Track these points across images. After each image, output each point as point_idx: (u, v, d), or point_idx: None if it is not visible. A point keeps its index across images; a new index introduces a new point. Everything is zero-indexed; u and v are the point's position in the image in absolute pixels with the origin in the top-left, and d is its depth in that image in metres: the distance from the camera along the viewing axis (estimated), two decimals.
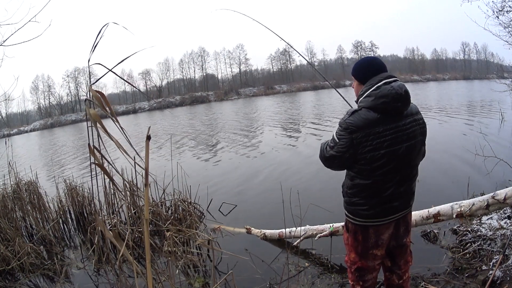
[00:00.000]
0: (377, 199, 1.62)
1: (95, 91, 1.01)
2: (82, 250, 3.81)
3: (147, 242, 1.01)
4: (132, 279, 2.96)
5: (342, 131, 1.58)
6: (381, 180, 1.59)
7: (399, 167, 1.59)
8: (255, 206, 4.83)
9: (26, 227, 4.39)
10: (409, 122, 1.58)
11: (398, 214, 1.67)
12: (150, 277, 1.02)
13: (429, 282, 2.46)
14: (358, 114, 1.56)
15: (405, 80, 44.88)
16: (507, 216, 3.03)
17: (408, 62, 58.21)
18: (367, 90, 1.60)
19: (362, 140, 1.54)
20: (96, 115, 0.99)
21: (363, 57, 1.94)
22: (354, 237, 1.75)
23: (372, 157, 1.55)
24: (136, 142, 13.83)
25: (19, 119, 48.98)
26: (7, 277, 3.30)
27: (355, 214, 1.69)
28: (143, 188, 3.68)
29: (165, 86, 54.96)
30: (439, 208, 2.67)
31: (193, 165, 7.89)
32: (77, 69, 49.69)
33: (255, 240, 3.60)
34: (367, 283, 1.82)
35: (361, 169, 1.60)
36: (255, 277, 2.83)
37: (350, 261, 1.83)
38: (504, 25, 6.27)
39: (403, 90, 1.53)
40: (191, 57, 55.86)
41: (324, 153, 1.70)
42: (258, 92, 51.75)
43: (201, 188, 4.52)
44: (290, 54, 57.30)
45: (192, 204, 4.23)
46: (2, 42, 3.05)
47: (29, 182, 4.66)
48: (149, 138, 0.96)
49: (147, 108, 48.25)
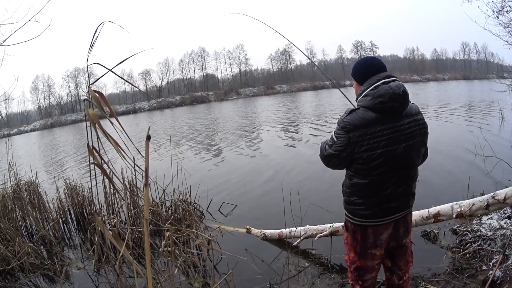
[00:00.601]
0: (374, 199, 1.62)
1: (93, 91, 1.00)
2: (82, 250, 3.81)
3: (147, 242, 1.01)
4: (132, 279, 2.96)
5: (340, 130, 1.59)
6: (379, 180, 1.59)
7: (397, 168, 1.58)
8: (255, 206, 4.83)
9: (26, 227, 4.39)
10: (407, 123, 1.57)
11: (397, 214, 1.67)
12: (150, 277, 1.02)
13: (429, 282, 2.46)
14: (355, 113, 1.57)
15: (405, 80, 44.91)
16: (507, 216, 3.03)
17: (408, 62, 58.24)
18: (365, 89, 1.60)
19: (359, 139, 1.54)
20: (95, 115, 0.99)
21: (363, 57, 1.95)
22: (353, 236, 1.75)
23: (369, 156, 1.55)
24: (136, 142, 13.83)
25: (19, 119, 49.00)
26: (7, 277, 3.30)
27: (354, 213, 1.70)
28: (143, 188, 3.69)
29: (165, 86, 55.03)
30: (439, 208, 2.67)
31: (193, 165, 7.88)
32: (77, 69, 49.74)
33: (255, 240, 3.60)
34: (366, 282, 1.82)
35: (358, 169, 1.61)
36: (255, 277, 2.83)
37: (349, 260, 1.84)
38: (504, 25, 6.29)
39: (400, 90, 1.53)
40: (191, 57, 55.98)
41: (323, 151, 1.71)
42: (258, 92, 51.78)
43: (201, 188, 4.52)
44: (290, 54, 57.45)
45: (192, 204, 4.23)
46: (2, 42, 3.05)
47: (29, 182, 4.65)
48: (149, 138, 0.96)
49: (147, 108, 48.27)
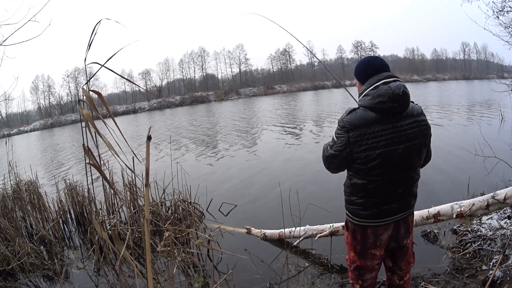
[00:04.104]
0: (374, 200, 1.62)
1: (90, 91, 1.01)
2: (82, 250, 3.81)
3: (148, 242, 1.01)
4: (132, 279, 2.96)
5: (340, 129, 1.59)
6: (378, 180, 1.58)
7: (396, 169, 1.57)
8: (255, 206, 4.83)
9: (26, 227, 4.39)
10: (408, 123, 1.55)
11: (397, 216, 1.66)
12: (151, 277, 1.02)
13: (429, 282, 2.46)
14: (355, 112, 1.56)
15: (405, 80, 44.85)
16: (507, 216, 3.03)
17: (408, 62, 58.19)
18: (366, 89, 1.60)
19: (358, 139, 1.53)
20: (89, 116, 1.00)
21: (365, 56, 1.94)
22: (353, 236, 1.75)
23: (367, 156, 1.54)
24: (136, 142, 13.83)
25: (19, 119, 48.99)
26: (7, 277, 3.30)
27: (354, 213, 1.69)
28: (143, 188, 3.69)
29: (165, 86, 55.02)
30: (439, 208, 2.67)
31: (193, 165, 7.89)
32: (77, 69, 49.65)
33: (255, 240, 3.59)
34: (366, 282, 1.82)
35: (357, 168, 1.60)
36: (255, 277, 2.83)
37: (349, 259, 1.84)
38: (504, 25, 6.28)
39: (400, 90, 1.51)
40: (191, 57, 55.96)
41: (325, 153, 1.71)
42: (258, 92, 51.77)
43: (201, 188, 4.52)
44: (290, 54, 57.46)
45: (192, 204, 4.23)
46: (2, 42, 3.05)
47: (29, 182, 4.65)
48: (149, 138, 0.96)
49: (147, 108, 48.28)
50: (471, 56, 57.73)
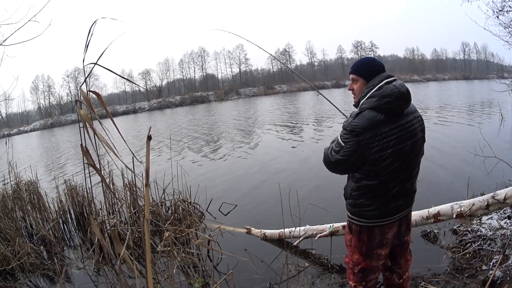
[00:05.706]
0: (383, 199, 1.62)
1: (89, 92, 1.01)
2: (82, 250, 3.81)
3: (148, 242, 1.01)
4: (132, 279, 2.96)
5: (348, 134, 1.57)
6: (387, 179, 1.59)
7: (404, 166, 1.60)
8: (255, 206, 4.83)
9: (26, 227, 4.39)
10: (410, 120, 1.60)
11: (402, 212, 1.69)
12: (151, 277, 1.02)
13: (429, 282, 2.46)
14: (362, 115, 1.56)
15: (405, 80, 44.81)
16: (507, 216, 3.03)
17: (408, 62, 58.18)
18: (369, 91, 1.60)
19: (369, 141, 1.53)
20: (86, 116, 1.00)
21: (363, 57, 1.94)
22: (359, 237, 1.73)
23: (380, 157, 1.54)
24: (136, 142, 13.83)
25: (19, 119, 48.97)
26: (7, 277, 3.30)
27: (361, 215, 1.68)
28: (143, 188, 3.69)
29: (165, 86, 54.99)
30: (439, 208, 2.67)
31: (193, 165, 7.89)
32: (77, 69, 49.58)
33: (255, 240, 3.59)
34: (369, 283, 1.82)
35: (368, 170, 1.59)
36: (255, 277, 2.83)
37: (352, 262, 1.81)
38: (504, 25, 6.27)
39: (404, 88, 1.56)
40: (191, 57, 55.95)
41: (329, 158, 1.67)
42: (258, 92, 51.75)
43: (201, 188, 4.52)
44: (290, 54, 57.44)
45: (192, 204, 4.23)
46: (2, 42, 3.04)
47: (29, 182, 4.64)
48: (150, 138, 0.96)
49: (147, 108, 48.28)
50: (471, 56, 57.76)
